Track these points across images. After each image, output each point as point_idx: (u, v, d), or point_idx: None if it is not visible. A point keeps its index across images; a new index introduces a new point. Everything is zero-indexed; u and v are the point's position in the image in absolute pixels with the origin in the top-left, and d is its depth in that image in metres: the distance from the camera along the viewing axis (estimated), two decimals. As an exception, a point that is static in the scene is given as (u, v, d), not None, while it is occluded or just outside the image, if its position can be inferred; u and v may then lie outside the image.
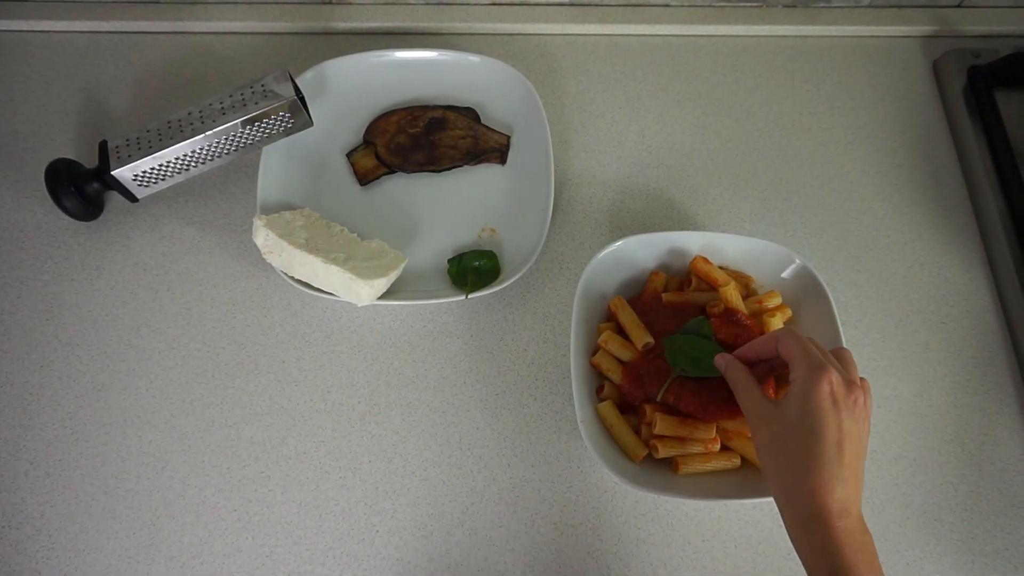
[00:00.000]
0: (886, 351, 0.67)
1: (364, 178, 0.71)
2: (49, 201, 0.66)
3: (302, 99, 0.66)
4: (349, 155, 0.72)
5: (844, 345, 0.58)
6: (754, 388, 0.51)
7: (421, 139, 0.72)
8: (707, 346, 0.57)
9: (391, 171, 0.71)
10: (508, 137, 0.73)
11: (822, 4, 0.82)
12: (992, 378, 0.66)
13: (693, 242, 0.64)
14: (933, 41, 0.83)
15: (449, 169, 0.71)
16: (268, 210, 0.67)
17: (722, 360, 0.55)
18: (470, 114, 0.74)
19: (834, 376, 0.47)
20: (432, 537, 0.59)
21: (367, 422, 0.63)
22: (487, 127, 0.73)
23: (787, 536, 0.47)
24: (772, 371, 0.56)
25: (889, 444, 0.63)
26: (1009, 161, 0.72)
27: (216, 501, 0.60)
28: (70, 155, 0.70)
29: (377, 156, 0.71)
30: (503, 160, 0.72)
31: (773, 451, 0.48)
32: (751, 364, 0.54)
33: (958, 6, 0.83)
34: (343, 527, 0.59)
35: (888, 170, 0.75)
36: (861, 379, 0.50)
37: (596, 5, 0.81)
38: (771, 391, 0.59)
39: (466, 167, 0.72)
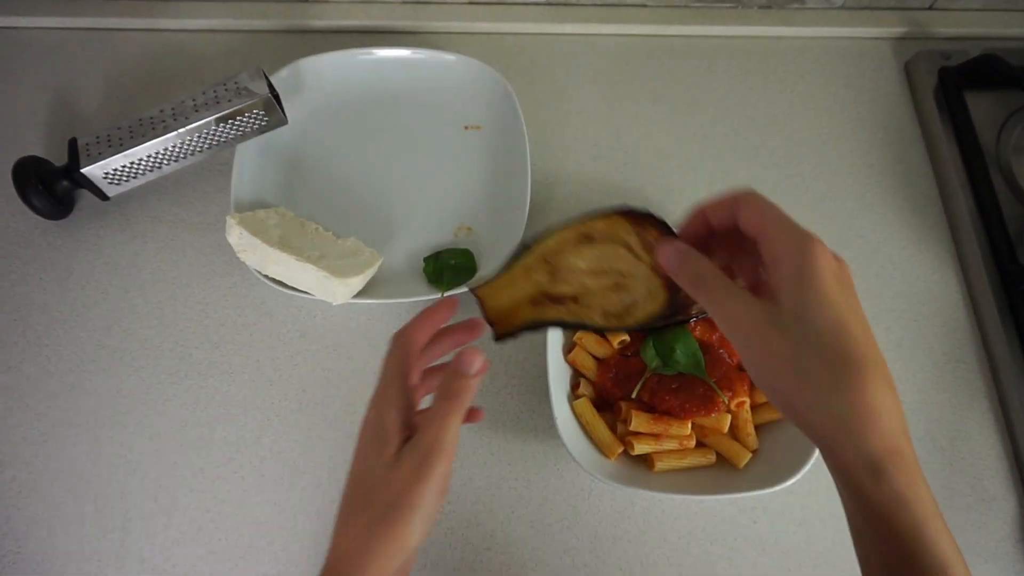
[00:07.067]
0: (859, 348, 0.68)
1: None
2: (17, 200, 0.65)
3: (276, 97, 0.66)
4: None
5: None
6: (730, 283, 0.36)
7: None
8: (682, 343, 0.57)
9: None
10: None
11: (796, 5, 0.83)
12: (963, 375, 0.67)
13: (669, 240, 0.64)
14: (905, 43, 0.84)
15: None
16: (242, 208, 0.66)
17: (671, 251, 0.38)
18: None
19: (825, 246, 0.34)
20: (408, 537, 0.59)
21: (343, 421, 0.62)
22: None
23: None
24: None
25: (862, 440, 0.64)
26: (979, 161, 0.73)
27: (189, 502, 0.59)
28: (39, 153, 0.68)
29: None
30: None
31: (783, 369, 0.33)
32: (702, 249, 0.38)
33: (929, 8, 0.84)
34: (319, 527, 0.59)
35: (861, 169, 0.76)
36: None
37: (573, 5, 0.82)
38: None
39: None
